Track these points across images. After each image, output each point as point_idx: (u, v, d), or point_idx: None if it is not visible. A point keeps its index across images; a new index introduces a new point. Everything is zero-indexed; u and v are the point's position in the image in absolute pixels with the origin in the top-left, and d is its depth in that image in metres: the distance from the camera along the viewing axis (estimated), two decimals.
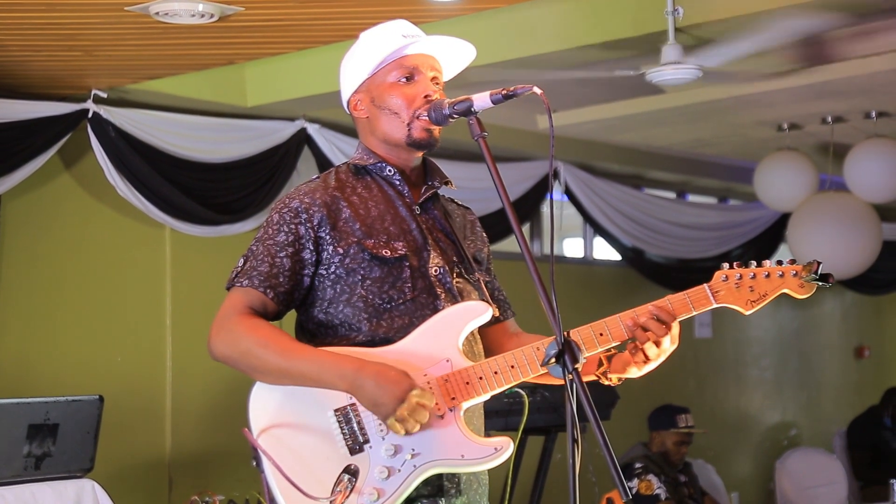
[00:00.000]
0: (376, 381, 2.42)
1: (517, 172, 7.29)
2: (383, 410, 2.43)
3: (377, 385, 2.42)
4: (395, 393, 2.41)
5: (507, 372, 2.53)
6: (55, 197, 5.80)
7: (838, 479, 8.64)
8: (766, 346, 10.09)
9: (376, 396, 2.42)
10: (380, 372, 2.44)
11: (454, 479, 2.57)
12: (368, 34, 2.72)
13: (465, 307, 2.59)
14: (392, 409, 2.42)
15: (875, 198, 7.40)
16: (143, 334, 6.07)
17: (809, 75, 6.22)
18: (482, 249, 2.82)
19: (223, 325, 2.53)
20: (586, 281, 8.34)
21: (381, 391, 2.42)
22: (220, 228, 6.02)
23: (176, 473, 6.05)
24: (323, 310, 2.60)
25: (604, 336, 2.55)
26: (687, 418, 6.63)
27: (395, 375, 2.43)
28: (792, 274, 2.55)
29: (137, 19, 4.55)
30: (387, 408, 2.42)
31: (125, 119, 5.67)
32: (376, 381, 2.42)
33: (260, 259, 2.57)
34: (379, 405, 2.43)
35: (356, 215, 2.61)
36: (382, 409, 2.43)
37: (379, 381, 2.42)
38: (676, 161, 8.53)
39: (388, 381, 2.42)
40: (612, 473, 2.19)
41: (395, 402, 2.41)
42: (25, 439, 4.46)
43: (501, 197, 2.41)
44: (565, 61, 5.33)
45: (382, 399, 2.42)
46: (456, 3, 4.66)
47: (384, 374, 2.43)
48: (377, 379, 2.43)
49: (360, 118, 2.73)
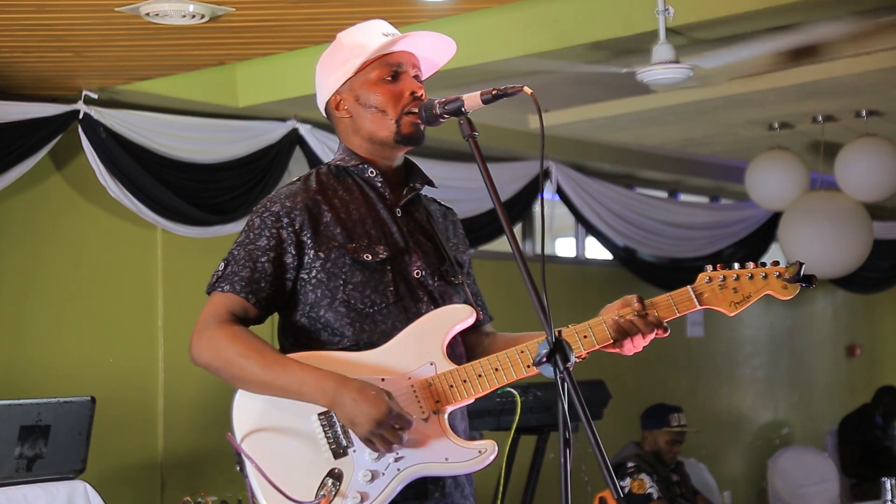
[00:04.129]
0: (355, 400, 2.42)
1: (508, 172, 7.29)
2: (359, 431, 2.43)
3: (355, 404, 2.42)
4: (371, 414, 2.41)
5: (490, 375, 2.53)
6: (46, 198, 5.78)
7: (830, 478, 8.66)
8: (759, 345, 10.09)
9: (354, 415, 2.42)
10: (359, 390, 2.43)
11: (438, 483, 2.56)
12: (346, 34, 2.70)
13: (449, 310, 2.59)
14: (367, 430, 2.42)
15: (866, 196, 7.41)
16: (135, 335, 6.06)
17: (800, 74, 6.24)
18: (464, 252, 2.80)
19: (204, 333, 2.51)
20: (578, 281, 8.34)
21: (358, 411, 2.41)
22: (211, 229, 6.02)
23: (168, 474, 6.05)
24: (305, 314, 2.59)
25: (588, 339, 2.54)
26: (679, 417, 6.63)
27: (374, 396, 2.42)
28: (775, 275, 2.54)
29: (128, 20, 4.54)
30: (363, 428, 2.42)
31: (116, 120, 5.66)
32: (355, 400, 2.42)
33: (241, 264, 2.55)
34: (356, 424, 2.43)
35: (337, 219, 2.59)
36: (359, 428, 2.43)
37: (357, 400, 2.42)
38: (668, 160, 8.54)
39: (366, 400, 2.41)
40: (604, 473, 2.19)
41: (370, 423, 2.41)
42: (17, 441, 4.45)
43: (492, 197, 2.40)
44: (557, 61, 5.33)
45: (359, 419, 2.42)
46: (446, 3, 4.66)
47: (363, 393, 2.42)
48: (356, 397, 2.42)
49: (342, 118, 2.70)
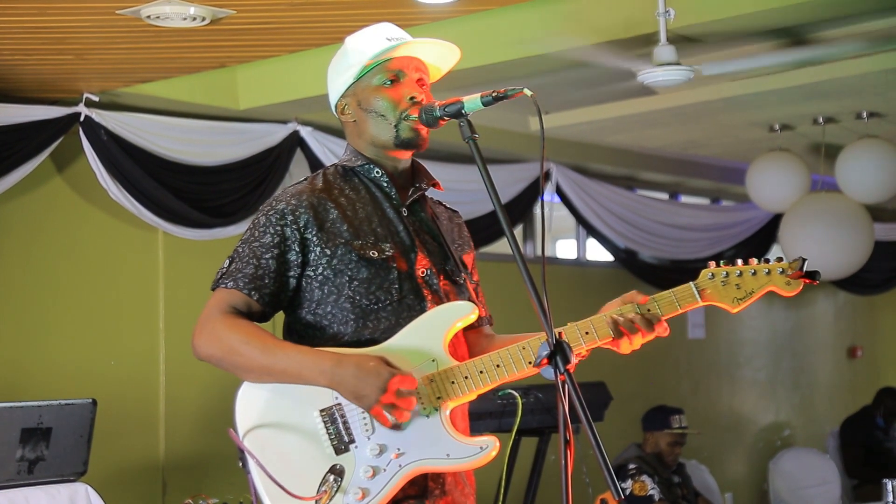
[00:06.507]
0: (356, 373, 2.43)
1: (509, 174, 7.29)
2: (366, 401, 2.43)
3: (357, 377, 2.43)
4: (375, 383, 2.42)
5: (492, 371, 2.53)
6: (47, 201, 5.79)
7: (832, 479, 8.66)
8: (760, 346, 10.09)
9: (357, 388, 2.43)
10: (358, 363, 2.44)
11: (438, 480, 2.57)
12: (353, 38, 2.72)
13: (451, 307, 2.60)
14: (375, 398, 2.42)
15: (867, 198, 7.41)
16: (137, 337, 6.06)
17: (801, 76, 6.23)
18: (469, 253, 2.82)
19: (206, 325, 2.54)
20: (579, 282, 8.34)
21: (362, 382, 2.42)
22: (212, 231, 6.02)
23: (170, 477, 6.05)
24: (311, 311, 2.60)
25: (589, 335, 2.54)
26: (680, 419, 6.64)
27: (375, 365, 2.44)
28: (778, 271, 2.54)
29: (129, 23, 4.54)
30: (369, 398, 2.43)
31: (117, 122, 5.66)
32: (356, 373, 2.43)
33: (245, 261, 2.57)
34: (361, 396, 2.43)
35: (343, 217, 2.61)
36: (365, 399, 2.43)
37: (359, 372, 2.43)
38: (669, 162, 8.54)
39: (367, 371, 2.43)
40: (605, 474, 2.19)
41: (376, 391, 2.42)
42: (18, 443, 4.45)
43: (493, 199, 2.41)
44: (557, 63, 5.33)
45: (364, 390, 2.42)
46: (447, 5, 4.66)
47: (363, 366, 2.44)
48: (357, 370, 2.43)
49: (347, 122, 2.74)
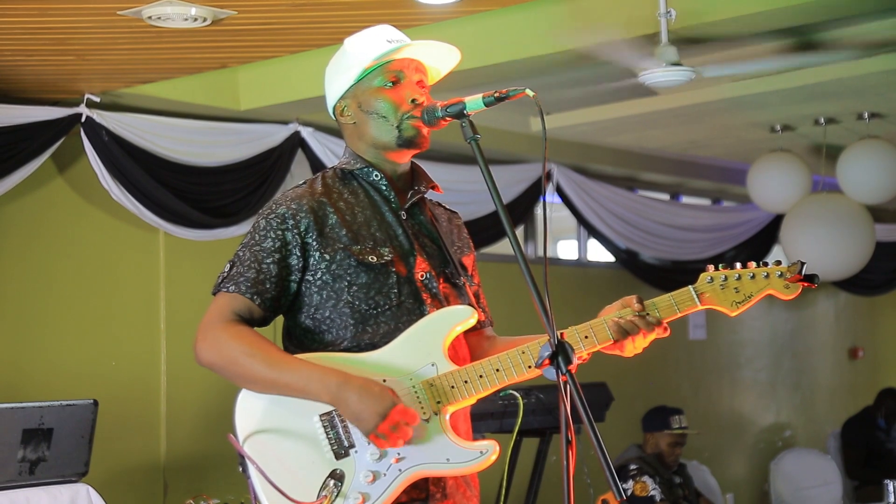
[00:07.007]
0: (359, 396, 2.43)
1: (510, 175, 7.29)
2: (364, 426, 2.44)
3: (360, 399, 2.43)
4: (376, 409, 2.42)
5: (492, 375, 2.53)
6: (49, 201, 5.79)
7: (833, 480, 8.66)
8: (760, 347, 10.09)
9: (358, 411, 2.43)
10: (363, 386, 2.44)
11: (440, 484, 2.57)
12: (352, 40, 2.72)
13: (450, 311, 2.60)
14: (373, 424, 2.43)
15: (868, 199, 7.41)
16: (138, 338, 6.06)
17: (802, 76, 6.23)
18: (469, 255, 2.81)
19: (209, 332, 2.53)
20: (580, 283, 8.34)
21: (364, 406, 2.42)
22: (214, 232, 6.02)
23: (171, 477, 6.05)
24: (310, 315, 2.60)
25: (588, 339, 2.54)
26: (681, 419, 6.63)
27: (379, 391, 2.44)
28: (777, 275, 2.54)
29: (130, 23, 4.54)
30: (368, 423, 2.43)
31: (118, 123, 5.66)
32: (359, 396, 2.43)
33: (247, 265, 2.57)
34: (361, 420, 2.44)
35: (343, 221, 2.61)
36: (364, 424, 2.44)
37: (362, 395, 2.43)
38: (670, 163, 8.54)
39: (370, 396, 2.43)
40: (606, 475, 2.19)
41: (376, 417, 2.42)
42: (20, 444, 4.45)
43: (494, 199, 2.41)
44: (558, 64, 5.33)
45: (364, 414, 2.43)
46: (448, 6, 4.66)
47: (367, 389, 2.44)
48: (360, 393, 2.43)
49: (346, 124, 2.73)
